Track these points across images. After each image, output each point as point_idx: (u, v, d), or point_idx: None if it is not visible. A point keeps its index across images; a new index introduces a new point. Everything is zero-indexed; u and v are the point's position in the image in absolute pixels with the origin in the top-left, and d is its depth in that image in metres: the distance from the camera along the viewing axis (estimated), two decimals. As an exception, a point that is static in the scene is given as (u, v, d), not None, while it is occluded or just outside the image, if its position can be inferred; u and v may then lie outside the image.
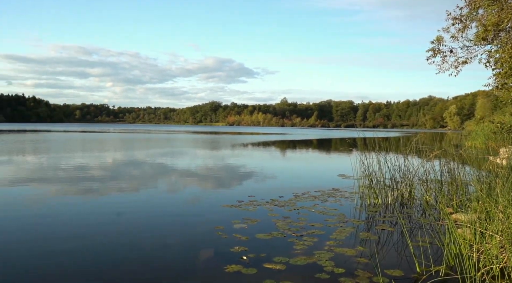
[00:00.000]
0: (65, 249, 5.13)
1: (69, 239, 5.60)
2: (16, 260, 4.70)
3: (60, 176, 11.93)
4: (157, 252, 5.05)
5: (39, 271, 4.39)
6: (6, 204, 7.97)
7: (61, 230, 6.09)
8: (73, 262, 4.69)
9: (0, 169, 13.50)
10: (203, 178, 12.38)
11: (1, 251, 5.01)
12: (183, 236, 5.90)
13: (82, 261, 4.73)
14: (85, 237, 5.70)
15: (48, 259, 4.78)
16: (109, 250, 5.16)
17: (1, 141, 30.36)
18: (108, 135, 51.00)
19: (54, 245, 5.32)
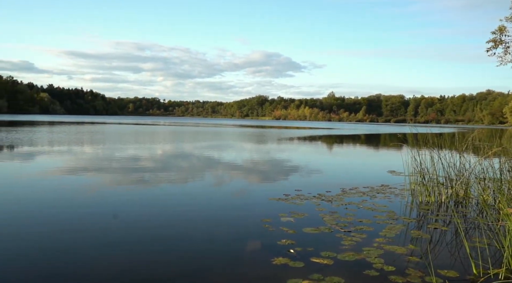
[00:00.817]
0: (115, 240, 5.40)
1: (121, 230, 5.87)
2: (71, 249, 5.01)
3: (114, 166, 12.52)
4: (205, 244, 5.17)
5: (96, 260, 4.65)
6: (64, 192, 8.49)
7: (113, 221, 6.40)
8: (123, 253, 4.92)
9: (60, 159, 14.40)
10: (249, 171, 12.50)
11: (59, 239, 5.36)
12: (230, 228, 6.00)
13: (132, 252, 4.95)
14: (136, 228, 5.96)
15: (103, 248, 5.05)
16: (157, 241, 5.36)
17: (63, 132, 32.35)
18: (159, 128, 52.78)
19: (107, 235, 5.62)
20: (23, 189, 8.50)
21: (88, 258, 4.51)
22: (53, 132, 31.60)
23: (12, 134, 26.92)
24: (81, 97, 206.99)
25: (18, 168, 11.82)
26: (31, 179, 9.82)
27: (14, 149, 17.30)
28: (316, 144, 29.22)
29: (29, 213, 6.50)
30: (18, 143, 19.87)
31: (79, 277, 4.00)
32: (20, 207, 6.87)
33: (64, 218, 6.26)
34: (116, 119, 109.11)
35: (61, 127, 43.01)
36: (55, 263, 4.35)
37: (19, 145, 19.10)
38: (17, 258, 4.46)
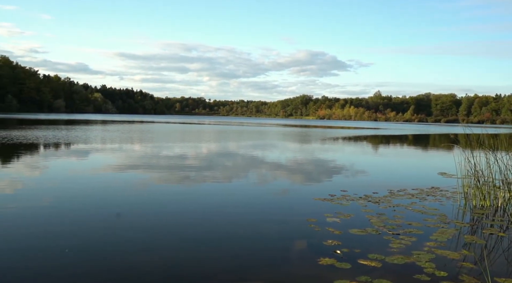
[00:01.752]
0: (162, 237, 5.59)
1: (167, 228, 6.07)
2: (119, 245, 5.25)
3: (161, 164, 12.94)
4: (251, 242, 5.25)
5: (142, 257, 4.85)
6: (113, 189, 8.90)
7: (160, 218, 6.63)
8: (170, 250, 5.08)
9: (112, 156, 15.10)
10: (293, 171, 12.48)
11: (108, 235, 5.64)
12: (276, 227, 6.03)
13: (179, 249, 5.10)
14: (182, 225, 6.14)
15: (149, 244, 5.25)
16: (204, 238, 5.48)
17: (115, 131, 33.88)
18: (204, 127, 53.88)
19: (154, 232, 5.83)
20: (75, 185, 9.01)
21: (134, 253, 4.71)
22: (106, 131, 33.16)
23: (70, 132, 28.55)
24: (131, 97, 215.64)
25: (74, 164, 12.53)
26: (84, 175, 10.37)
27: (71, 146, 18.35)
28: (361, 144, 28.59)
29: (78, 210, 6.88)
30: (75, 141, 21.06)
31: (129, 272, 4.20)
32: (71, 204, 7.29)
33: (111, 214, 6.57)
34: (163, 118, 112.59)
35: (113, 126, 45.03)
36: (106, 259, 4.58)
37: (76, 142, 20.23)
38: (77, 251, 4.74)
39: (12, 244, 4.81)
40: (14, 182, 8.85)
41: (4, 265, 4.19)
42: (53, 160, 13.27)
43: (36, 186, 8.59)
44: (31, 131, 27.16)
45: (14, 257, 4.40)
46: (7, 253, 4.51)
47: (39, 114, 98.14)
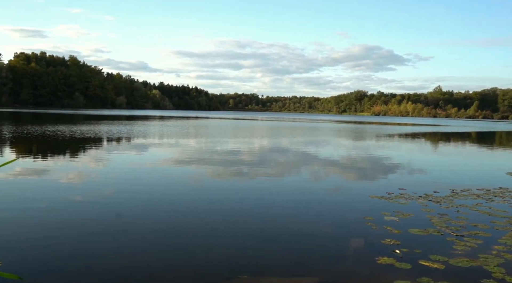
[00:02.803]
0: (216, 230, 5.71)
1: (222, 222, 6.19)
2: (175, 237, 5.43)
3: (215, 159, 13.22)
4: (306, 238, 5.22)
5: (196, 247, 4.99)
6: (169, 181, 9.23)
7: (216, 212, 6.77)
8: (225, 244, 5.18)
9: (169, 150, 15.67)
10: (347, 168, 12.23)
11: (162, 227, 5.85)
12: (331, 223, 5.96)
13: (232, 242, 5.19)
14: (236, 221, 6.23)
15: (201, 238, 5.39)
16: (259, 233, 5.54)
17: (173, 126, 35.15)
18: (257, 123, 54.30)
19: (206, 225, 5.98)
20: (134, 178, 9.45)
21: (193, 246, 4.86)
22: (164, 126, 34.48)
23: (131, 127, 30.04)
24: (187, 93, 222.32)
25: (134, 158, 13.17)
26: (142, 169, 10.86)
27: (132, 140, 19.29)
28: (420, 141, 27.38)
29: (137, 202, 7.21)
30: (135, 135, 22.12)
31: (190, 263, 4.34)
32: (130, 196, 7.65)
33: (167, 208, 6.82)
34: (217, 114, 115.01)
35: (170, 121, 46.72)
36: (168, 251, 4.77)
37: (136, 137, 21.25)
38: (139, 241, 4.99)
39: (80, 232, 5.16)
40: (80, 174, 9.46)
41: (83, 249, 4.50)
42: (115, 153, 14.03)
43: (100, 178, 9.13)
44: (96, 127, 28.91)
45: (81, 243, 4.71)
46: (78, 240, 4.85)
47: (102, 110, 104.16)
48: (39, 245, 4.58)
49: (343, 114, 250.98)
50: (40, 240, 4.76)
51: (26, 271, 3.80)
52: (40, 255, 4.30)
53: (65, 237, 4.88)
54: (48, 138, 18.21)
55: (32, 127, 25.75)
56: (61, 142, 16.99)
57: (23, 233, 5.00)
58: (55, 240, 4.76)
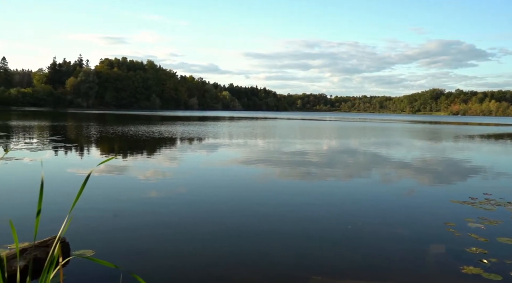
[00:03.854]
0: (292, 230, 5.70)
1: (294, 221, 6.17)
2: (239, 235, 5.51)
3: (282, 159, 13.23)
4: (381, 242, 5.03)
5: (263, 247, 5.02)
6: (239, 181, 9.40)
7: (284, 211, 6.77)
8: (302, 241, 5.16)
9: (237, 150, 16.01)
10: (424, 170, 11.58)
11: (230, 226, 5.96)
12: (409, 227, 5.68)
13: (309, 242, 5.15)
14: (307, 221, 6.18)
15: (282, 235, 5.41)
16: (329, 235, 5.44)
17: (242, 127, 35.92)
18: (325, 123, 53.52)
19: (283, 223, 5.99)
20: (205, 177, 9.77)
21: (264, 243, 4.91)
22: (233, 127, 35.35)
23: (203, 127, 31.24)
24: (255, 94, 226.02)
25: (206, 157, 13.66)
26: (213, 167, 11.20)
27: (203, 140, 20.03)
28: (505, 143, 25.13)
29: (208, 200, 7.44)
30: (207, 135, 22.95)
31: (261, 261, 4.40)
32: (202, 194, 7.92)
33: (236, 208, 6.96)
34: (285, 114, 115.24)
35: (239, 122, 47.77)
36: (239, 248, 4.87)
37: (207, 137, 22.03)
38: (210, 238, 5.16)
39: (155, 229, 5.46)
40: (156, 172, 10.01)
41: (160, 245, 4.77)
42: (188, 152, 14.67)
43: (174, 176, 9.59)
44: (172, 127, 30.47)
45: (160, 240, 4.98)
46: (155, 237, 5.14)
47: (176, 111, 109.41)
48: (127, 237, 4.92)
49: (417, 114, 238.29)
50: (128, 232, 5.12)
51: (118, 261, 4.10)
52: (129, 246, 4.62)
53: (150, 230, 5.20)
54: (131, 138, 19.57)
55: (117, 127, 27.86)
56: (144, 141, 18.15)
57: (112, 225, 5.41)
58: (141, 232, 5.08)
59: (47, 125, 28.11)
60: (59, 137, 18.83)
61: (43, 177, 2.18)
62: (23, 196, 6.89)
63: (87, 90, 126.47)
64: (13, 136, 18.58)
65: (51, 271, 2.05)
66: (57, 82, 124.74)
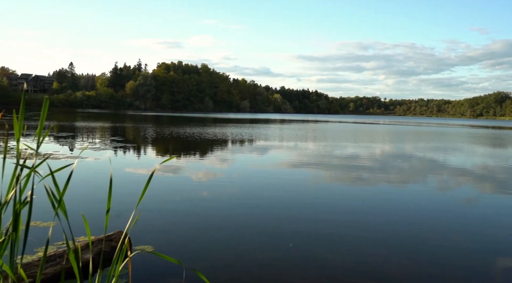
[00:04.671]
0: (350, 235, 5.60)
1: (350, 227, 6.05)
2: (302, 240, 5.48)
3: (333, 163, 13.03)
4: (444, 251, 4.75)
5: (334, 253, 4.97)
6: (290, 184, 9.38)
7: (341, 216, 6.67)
8: (363, 246, 5.07)
9: (288, 153, 15.99)
10: (488, 178, 10.91)
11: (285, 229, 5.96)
12: (474, 238, 5.34)
13: (372, 248, 5.04)
14: (364, 227, 6.04)
15: (342, 240, 5.34)
16: (390, 242, 5.29)
17: (293, 129, 35.86)
18: (379, 127, 51.96)
19: (341, 229, 5.90)
20: (256, 179, 9.85)
21: (319, 247, 4.87)
22: (284, 129, 35.36)
23: (255, 130, 31.55)
24: (307, 97, 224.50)
25: (256, 159, 13.78)
26: (263, 169, 11.26)
27: (255, 142, 20.23)
28: None
29: (257, 202, 7.49)
30: (258, 137, 23.16)
31: (317, 265, 4.38)
32: (252, 195, 8.00)
33: (287, 211, 6.95)
34: (337, 117, 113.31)
35: (290, 125, 47.68)
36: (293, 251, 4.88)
37: (258, 139, 22.23)
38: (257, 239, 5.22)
39: (210, 228, 5.61)
40: (210, 173, 10.27)
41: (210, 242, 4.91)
42: (240, 154, 14.89)
43: (227, 177, 9.79)
44: (224, 129, 31.09)
45: (210, 237, 5.12)
46: (200, 236, 5.29)
47: (228, 113, 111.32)
48: (183, 235, 5.12)
49: (479, 118, 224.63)
50: (184, 230, 5.32)
51: (176, 258, 4.27)
52: (185, 244, 4.80)
53: (205, 229, 5.37)
54: (185, 139, 20.25)
55: (173, 128, 28.93)
56: (198, 142, 18.71)
57: (168, 223, 5.64)
58: (196, 231, 5.26)
59: (108, 127, 29.78)
60: (120, 137, 19.88)
61: (112, 175, 2.34)
62: (86, 192, 7.37)
63: (145, 93, 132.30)
64: (79, 136, 19.88)
65: (120, 263, 2.21)
66: (117, 85, 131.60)
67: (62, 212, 2.14)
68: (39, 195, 2.47)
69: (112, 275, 2.21)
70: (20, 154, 2.15)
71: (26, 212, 2.06)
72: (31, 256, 3.95)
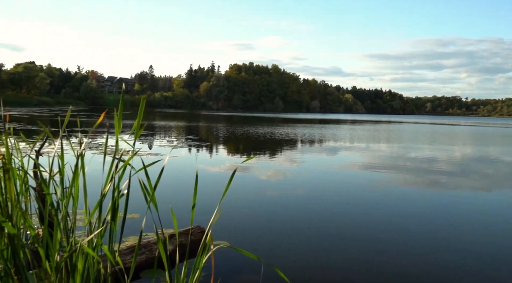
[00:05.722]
0: (420, 240, 5.34)
1: (423, 233, 5.77)
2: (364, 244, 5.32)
3: (408, 165, 12.43)
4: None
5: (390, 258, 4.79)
6: (359, 186, 9.11)
7: (411, 221, 6.36)
8: (428, 253, 4.82)
9: (358, 155, 15.55)
10: None
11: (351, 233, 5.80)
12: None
13: (439, 255, 4.78)
14: (434, 233, 5.73)
15: (410, 245, 5.13)
16: (458, 249, 4.97)
17: (365, 130, 34.83)
18: (460, 128, 48.52)
19: (410, 234, 5.65)
20: (324, 180, 9.71)
21: (388, 253, 4.71)
22: (356, 130, 34.46)
23: (325, 130, 31.18)
24: (380, 97, 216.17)
25: (326, 160, 13.61)
26: (333, 171, 11.08)
27: (324, 143, 19.99)
28: None
29: (326, 204, 7.38)
30: (328, 138, 22.86)
31: (389, 272, 4.25)
32: (321, 197, 7.90)
33: (360, 212, 6.77)
34: (412, 118, 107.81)
35: (362, 125, 46.33)
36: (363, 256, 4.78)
37: (328, 139, 21.92)
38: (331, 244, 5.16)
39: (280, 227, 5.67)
40: (277, 172, 10.35)
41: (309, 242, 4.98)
42: (308, 154, 14.81)
43: (293, 177, 9.79)
44: (294, 129, 31.12)
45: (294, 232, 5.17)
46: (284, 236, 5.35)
47: (298, 114, 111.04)
48: (256, 232, 5.25)
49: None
50: (257, 228, 5.46)
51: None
52: (258, 241, 4.93)
53: (277, 228, 5.46)
54: (257, 138, 20.64)
55: (245, 128, 29.62)
56: (269, 142, 18.98)
57: (242, 220, 5.81)
58: (268, 229, 5.37)
59: (184, 126, 31.27)
60: (194, 136, 20.79)
61: (198, 171, 2.49)
62: (166, 187, 7.83)
63: (217, 93, 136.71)
64: (157, 135, 21.14)
65: (204, 256, 2.35)
66: (192, 86, 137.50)
67: (153, 205, 2.32)
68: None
69: (197, 267, 2.35)
70: (118, 150, 2.37)
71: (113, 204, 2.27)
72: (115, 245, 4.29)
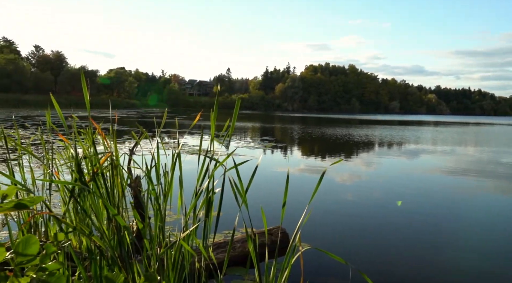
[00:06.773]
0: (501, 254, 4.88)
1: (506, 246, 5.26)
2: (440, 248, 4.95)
3: (499, 171, 11.42)
4: None
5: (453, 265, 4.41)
6: (441, 192, 8.50)
7: (499, 234, 5.82)
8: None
9: (441, 158, 14.54)
10: None
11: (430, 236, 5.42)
12: None
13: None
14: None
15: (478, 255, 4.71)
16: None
17: (454, 132, 32.56)
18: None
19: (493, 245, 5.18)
20: (402, 184, 9.21)
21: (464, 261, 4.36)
22: (439, 132, 32.32)
23: (405, 132, 29.72)
24: (467, 97, 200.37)
25: (405, 163, 12.95)
26: (412, 175, 10.47)
27: (403, 145, 19.03)
28: None
29: (402, 208, 6.99)
30: (408, 141, 21.75)
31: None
32: (395, 200, 7.51)
33: (439, 219, 6.33)
34: (505, 120, 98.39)
35: (447, 127, 43.35)
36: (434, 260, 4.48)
37: (408, 142, 20.85)
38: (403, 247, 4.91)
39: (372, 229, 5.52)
40: (352, 175, 10.07)
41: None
42: (386, 157, 14.20)
43: (369, 180, 9.46)
44: (372, 130, 30.10)
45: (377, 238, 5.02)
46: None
47: (376, 115, 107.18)
48: (339, 236, 5.19)
49: None
50: (338, 231, 5.39)
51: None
52: (342, 245, 4.87)
53: (359, 232, 5.35)
54: (336, 140, 20.35)
55: (322, 129, 29.37)
56: (346, 144, 18.62)
57: (323, 222, 5.78)
58: (349, 233, 5.28)
59: (259, 127, 31.81)
60: (270, 137, 21.05)
61: (289, 172, 2.53)
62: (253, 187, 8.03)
63: (292, 95, 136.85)
64: (235, 135, 21.77)
65: (293, 256, 2.38)
66: (268, 88, 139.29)
67: (244, 205, 2.41)
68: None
69: (285, 267, 2.39)
70: (213, 149, 2.50)
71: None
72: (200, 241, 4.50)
